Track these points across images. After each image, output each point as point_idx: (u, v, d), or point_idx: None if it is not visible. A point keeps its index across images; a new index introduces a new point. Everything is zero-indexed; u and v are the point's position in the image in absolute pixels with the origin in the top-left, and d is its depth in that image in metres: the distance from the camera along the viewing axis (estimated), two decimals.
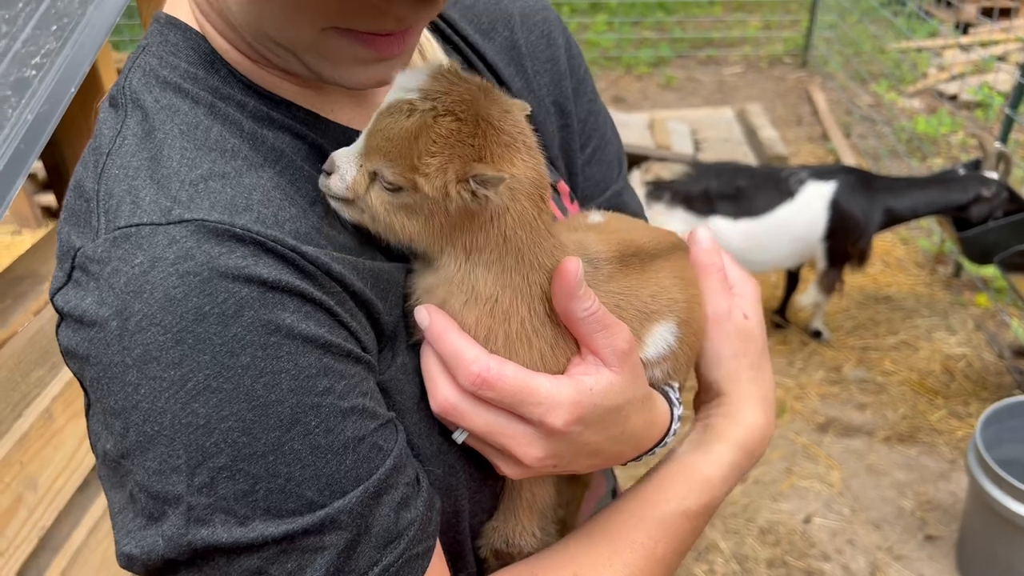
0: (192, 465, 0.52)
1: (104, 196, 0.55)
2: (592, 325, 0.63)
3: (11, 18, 1.47)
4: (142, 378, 0.52)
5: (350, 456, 0.55)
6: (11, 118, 1.31)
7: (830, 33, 6.94)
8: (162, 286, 0.51)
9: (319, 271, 0.56)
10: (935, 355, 3.55)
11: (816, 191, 3.34)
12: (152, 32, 0.65)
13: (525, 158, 0.59)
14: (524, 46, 0.81)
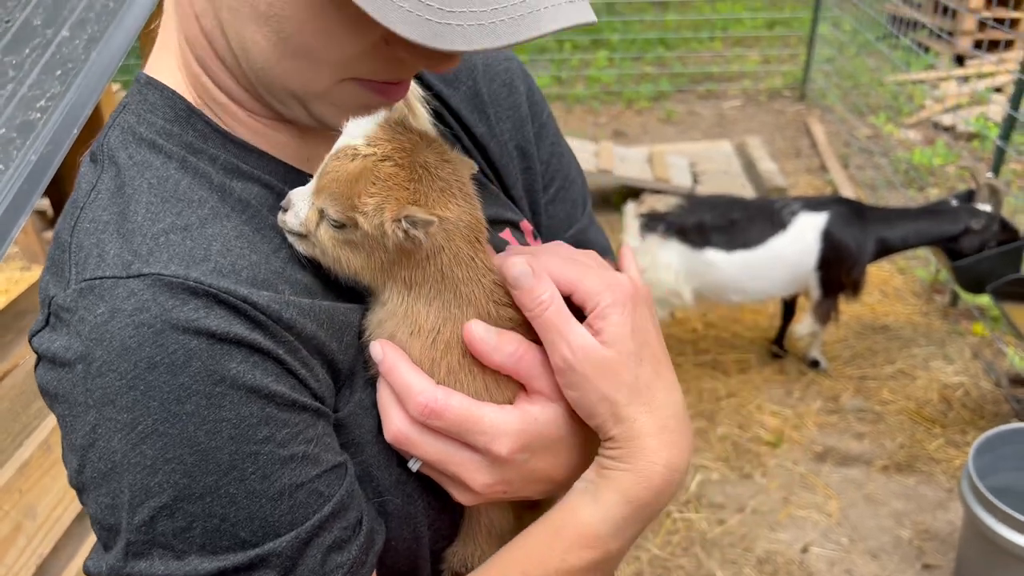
0: (135, 503, 0.56)
1: (76, 248, 0.60)
2: (526, 366, 0.66)
3: (18, 63, 1.54)
4: (100, 419, 0.56)
5: (286, 501, 0.59)
6: (15, 159, 1.37)
7: (828, 67, 7.03)
8: (120, 335, 0.55)
9: (270, 320, 0.59)
10: (933, 384, 3.57)
11: (808, 222, 3.39)
12: (132, 92, 0.70)
13: (460, 203, 0.64)
14: (486, 94, 0.86)
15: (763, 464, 3.20)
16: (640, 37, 7.94)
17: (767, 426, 3.39)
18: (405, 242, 0.61)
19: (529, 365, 0.66)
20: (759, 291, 3.49)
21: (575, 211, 0.93)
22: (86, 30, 1.60)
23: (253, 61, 0.63)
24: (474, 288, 0.65)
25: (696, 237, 3.38)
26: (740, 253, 3.36)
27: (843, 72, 6.90)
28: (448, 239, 0.63)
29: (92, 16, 1.63)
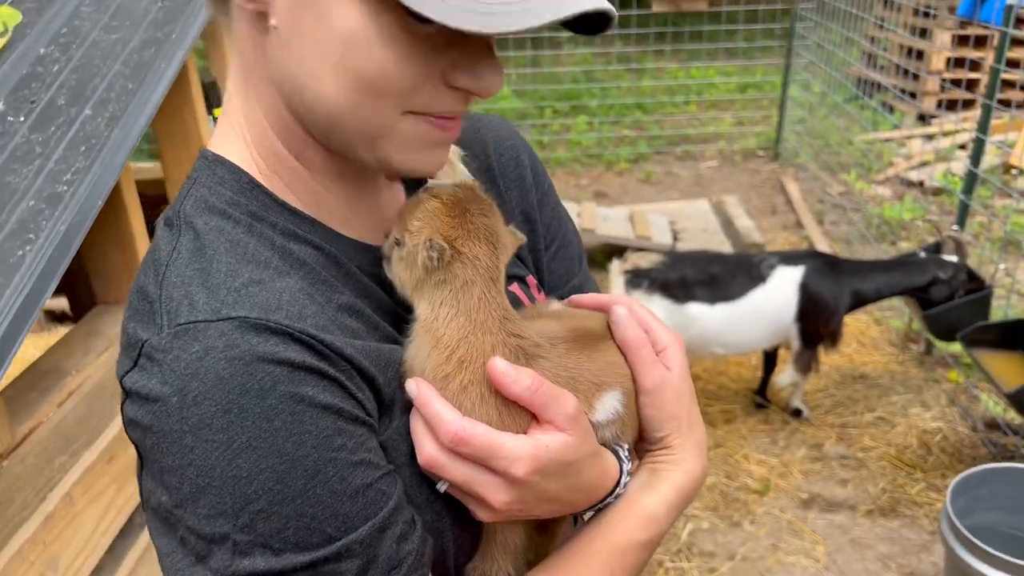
0: (236, 509, 0.65)
1: (166, 299, 0.69)
2: (540, 399, 0.76)
3: (44, 140, 1.65)
4: (196, 441, 0.65)
5: (360, 499, 0.68)
6: (45, 229, 1.48)
7: (799, 127, 7.30)
8: (214, 368, 0.65)
9: (333, 354, 0.70)
10: (911, 430, 3.67)
11: (786, 275, 3.53)
12: (200, 167, 0.80)
13: (483, 247, 0.76)
14: (497, 168, 0.98)
15: (751, 512, 3.27)
16: (618, 102, 8.22)
17: (754, 475, 3.47)
18: (426, 262, 0.75)
19: (543, 397, 0.75)
20: (741, 343, 3.61)
21: (573, 267, 1.05)
22: (107, 109, 1.72)
23: (326, 108, 0.73)
24: (487, 317, 0.76)
25: (679, 292, 3.51)
26: (722, 306, 3.49)
27: (814, 132, 7.16)
28: (465, 271, 0.76)
29: (112, 96, 1.75)
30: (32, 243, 1.46)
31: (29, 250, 1.44)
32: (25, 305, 1.36)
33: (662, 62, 9.07)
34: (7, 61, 1.83)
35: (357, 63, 0.69)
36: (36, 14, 1.98)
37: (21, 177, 1.57)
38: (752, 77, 8.58)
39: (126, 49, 1.87)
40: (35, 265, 1.41)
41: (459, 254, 0.75)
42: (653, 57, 8.98)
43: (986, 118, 3.67)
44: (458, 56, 0.72)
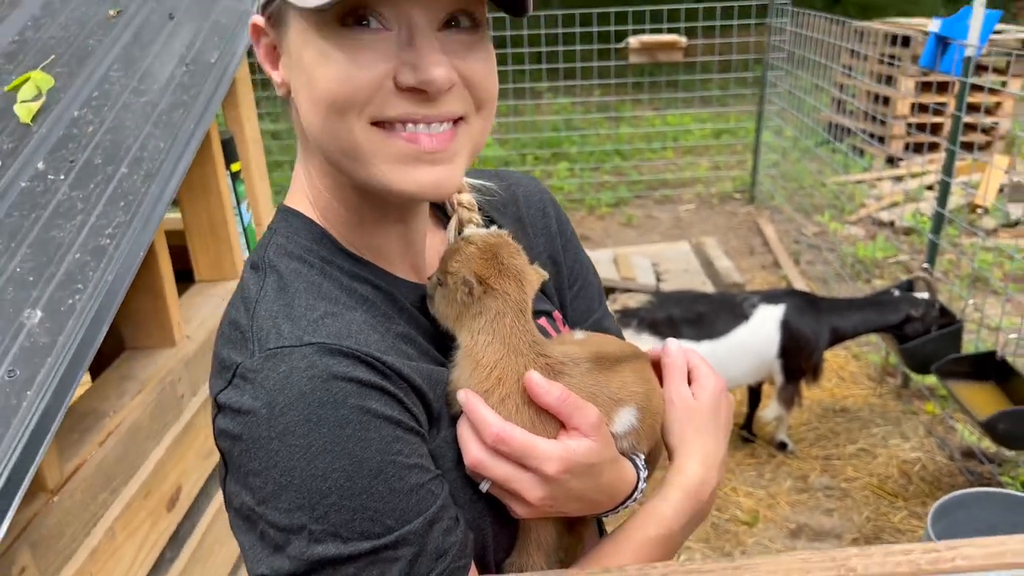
0: (313, 503, 0.77)
1: (257, 329, 0.82)
2: (567, 407, 0.89)
3: (85, 196, 1.78)
4: (281, 445, 0.77)
5: (414, 496, 0.80)
6: (92, 279, 1.59)
7: (773, 171, 7.56)
8: (297, 385, 0.78)
9: (393, 373, 0.83)
10: (892, 460, 3.81)
11: (768, 313, 3.69)
12: (279, 219, 0.95)
13: (512, 284, 0.91)
14: (526, 218, 1.13)
15: (742, 543, 3.38)
16: (597, 149, 8.46)
17: (743, 507, 3.59)
18: (463, 296, 0.89)
19: (570, 407, 0.88)
20: (727, 379, 3.73)
21: (593, 304, 1.19)
22: (142, 167, 1.85)
23: (318, 140, 0.87)
24: (519, 341, 0.91)
25: (667, 330, 3.66)
26: (708, 344, 3.64)
27: (788, 175, 7.42)
28: (497, 304, 0.90)
29: (146, 155, 1.88)
30: (81, 292, 1.57)
31: (79, 299, 1.56)
32: (80, 350, 1.48)
33: (639, 110, 9.36)
34: (44, 123, 1.96)
35: (317, 89, 0.82)
36: (68, 78, 2.11)
37: (66, 232, 1.69)
38: (726, 123, 8.87)
39: (155, 111, 2.01)
40: (86, 313, 1.53)
41: (491, 289, 0.90)
42: (630, 105, 9.26)
43: (950, 161, 3.88)
44: (404, 58, 0.80)
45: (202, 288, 2.35)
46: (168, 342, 2.01)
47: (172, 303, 2.00)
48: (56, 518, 1.50)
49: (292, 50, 0.85)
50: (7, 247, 1.66)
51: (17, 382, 1.41)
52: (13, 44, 2.28)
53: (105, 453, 1.67)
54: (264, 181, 2.68)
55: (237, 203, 2.38)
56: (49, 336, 1.49)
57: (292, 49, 0.85)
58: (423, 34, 0.80)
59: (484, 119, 0.89)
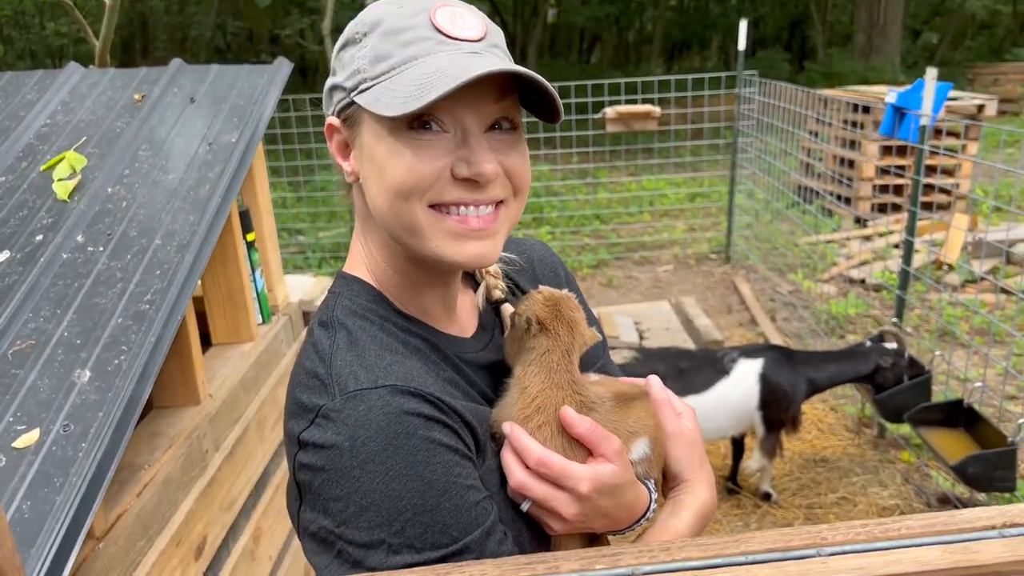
0: (391, 520, 0.92)
1: (336, 375, 0.98)
2: (595, 437, 1.05)
3: (123, 267, 1.94)
4: (363, 472, 0.92)
5: (474, 511, 0.95)
6: (135, 341, 1.74)
7: (747, 232, 7.85)
8: (376, 420, 0.93)
9: (450, 410, 0.99)
10: (872, 508, 3.96)
11: (747, 367, 3.88)
12: (340, 283, 1.12)
13: (566, 329, 1.09)
14: (541, 279, 1.31)
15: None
16: (577, 213, 8.74)
17: None
18: (525, 331, 1.07)
19: (598, 437, 1.05)
20: (711, 431, 3.92)
21: (598, 351, 1.35)
22: (175, 239, 2.02)
23: (384, 219, 1.04)
24: (561, 377, 1.08)
25: None
26: (691, 398, 3.81)
27: (761, 236, 7.71)
28: (549, 342, 1.08)
29: (178, 227, 2.05)
30: (125, 353, 1.72)
31: (124, 359, 1.70)
32: (129, 405, 1.62)
33: (616, 175, 9.70)
34: (81, 200, 2.13)
35: (388, 179, 1.00)
36: (100, 158, 2.29)
37: (108, 299, 1.85)
38: (700, 187, 9.21)
39: (183, 187, 2.19)
40: (132, 372, 1.67)
41: (546, 329, 1.07)
42: (607, 171, 9.59)
43: (912, 222, 4.14)
44: (460, 155, 0.98)
45: (220, 351, 2.49)
46: (193, 400, 2.15)
47: (198, 364, 2.14)
48: (102, 563, 1.62)
49: (365, 146, 1.03)
50: (54, 313, 1.81)
51: (72, 436, 1.55)
52: (45, 127, 2.46)
53: (143, 503, 1.80)
54: (275, 249, 2.85)
55: (252, 270, 2.55)
56: (99, 394, 1.63)
57: (365, 145, 1.03)
58: (475, 135, 0.99)
59: (519, 202, 1.08)
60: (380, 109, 0.95)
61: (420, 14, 0.98)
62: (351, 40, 1.02)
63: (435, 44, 0.97)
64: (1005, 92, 15.51)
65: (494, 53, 1.00)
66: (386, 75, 0.97)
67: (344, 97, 1.02)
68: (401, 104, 0.93)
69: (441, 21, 0.98)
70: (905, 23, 20.01)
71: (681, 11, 25.01)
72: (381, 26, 0.98)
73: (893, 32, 18.35)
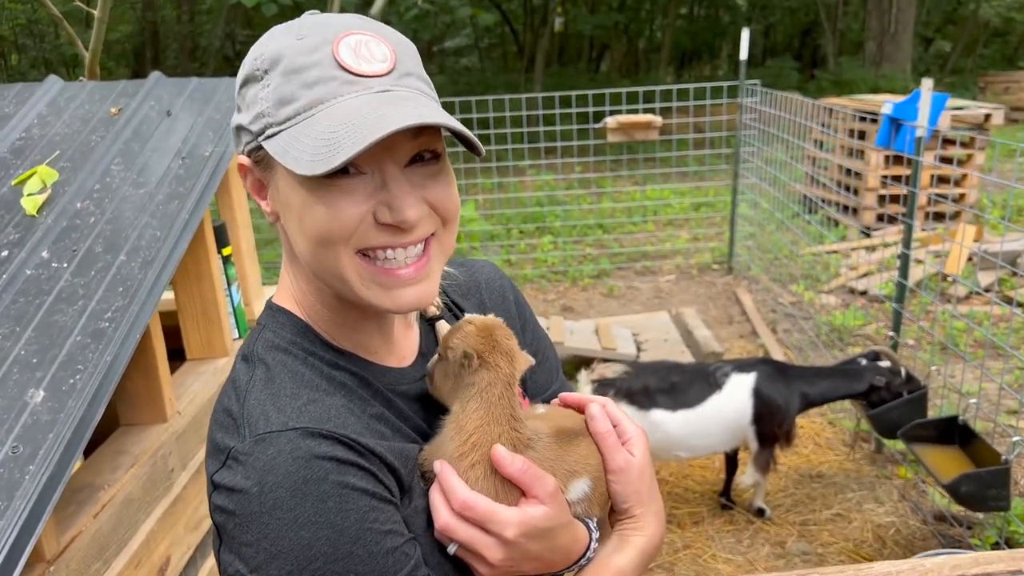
0: (300, 568, 0.88)
1: (247, 416, 0.95)
2: (528, 478, 1.01)
3: (86, 283, 1.92)
4: (271, 519, 0.89)
5: (390, 558, 0.92)
6: (92, 360, 1.72)
7: (750, 242, 7.79)
8: (284, 465, 0.90)
9: (368, 452, 0.95)
10: (867, 525, 3.90)
11: (740, 382, 3.82)
12: (266, 315, 1.09)
13: (503, 361, 1.05)
14: (488, 302, 1.27)
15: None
16: (580, 223, 8.71)
17: (722, 573, 3.65)
18: (462, 369, 1.03)
19: (530, 478, 1.01)
20: (703, 447, 3.86)
21: (552, 376, 1.32)
22: (139, 255, 2.00)
23: (308, 264, 1.00)
24: (500, 412, 1.03)
25: (643, 400, 3.78)
26: (683, 413, 3.76)
27: (764, 247, 7.65)
28: (489, 375, 1.03)
29: (144, 244, 2.03)
30: (81, 372, 1.70)
31: (79, 379, 1.68)
32: (79, 427, 1.59)
33: (620, 184, 9.66)
34: (49, 215, 2.11)
35: (307, 228, 0.96)
36: (72, 172, 2.28)
37: (68, 316, 1.83)
38: (704, 196, 9.16)
39: (153, 202, 2.17)
40: (86, 392, 1.65)
41: (486, 363, 1.03)
42: (611, 180, 9.56)
43: (908, 235, 4.08)
44: (381, 198, 0.93)
45: (193, 366, 2.47)
46: (160, 418, 2.13)
47: (165, 381, 2.12)
48: None
49: (280, 190, 0.99)
50: (12, 331, 1.79)
51: (20, 458, 1.53)
52: (20, 140, 2.45)
53: (99, 525, 1.77)
54: (254, 263, 2.83)
55: (228, 285, 2.52)
56: (51, 414, 1.61)
57: (280, 189, 0.99)
58: (394, 178, 0.94)
59: (450, 231, 1.04)
60: (290, 164, 0.91)
61: (322, 47, 0.93)
62: (252, 77, 0.97)
63: (341, 85, 0.92)
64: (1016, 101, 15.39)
65: (407, 86, 0.96)
66: (292, 121, 0.93)
67: (252, 140, 0.98)
68: (309, 162, 0.89)
69: (345, 57, 0.93)
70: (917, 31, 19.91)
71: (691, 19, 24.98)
72: (282, 63, 0.94)
73: (904, 40, 18.24)
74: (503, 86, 17.42)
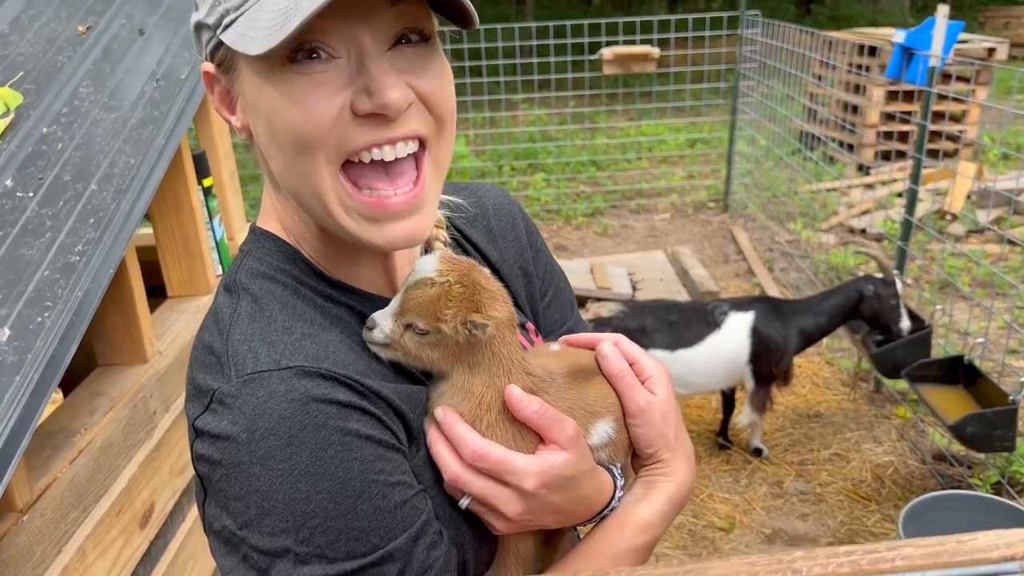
0: (297, 526, 0.78)
1: (232, 354, 0.82)
2: (545, 421, 0.90)
3: (54, 214, 1.77)
4: (263, 470, 0.77)
5: (398, 513, 0.81)
6: (62, 297, 1.59)
7: (747, 180, 7.64)
8: (277, 409, 0.78)
9: (372, 394, 0.83)
10: (865, 464, 3.86)
11: (738, 320, 3.74)
12: (250, 240, 0.95)
13: (502, 304, 0.91)
14: (496, 230, 1.14)
15: (718, 549, 3.41)
16: (573, 160, 8.52)
17: (719, 513, 3.62)
18: (471, 338, 0.88)
19: (548, 420, 0.89)
20: (701, 385, 3.79)
21: (566, 312, 1.20)
22: (112, 184, 1.85)
23: (284, 182, 0.86)
24: (510, 362, 0.91)
25: (641, 339, 3.69)
26: (682, 352, 3.67)
27: (761, 184, 7.50)
28: (498, 330, 0.90)
29: (116, 172, 1.88)
30: (50, 310, 1.57)
31: (48, 316, 1.55)
32: (48, 368, 1.47)
33: (614, 120, 9.44)
34: (13, 140, 1.95)
35: (278, 132, 0.82)
36: (36, 95, 2.11)
37: (35, 249, 1.69)
38: (700, 133, 8.96)
39: (126, 127, 2.01)
40: (55, 331, 1.52)
41: (486, 322, 0.88)
42: (605, 116, 9.33)
43: (917, 170, 3.95)
44: (358, 84, 0.80)
45: (175, 303, 2.34)
46: (140, 358, 2.01)
47: (144, 319, 1.99)
48: (25, 537, 1.49)
49: (247, 95, 0.85)
50: None
51: None
52: None
53: (76, 471, 1.66)
54: (237, 195, 2.68)
55: (209, 218, 2.38)
56: (17, 355, 1.48)
57: (247, 94, 0.85)
58: (373, 57, 0.80)
59: (445, 138, 0.89)
60: (245, 47, 0.77)
61: None
62: None
63: None
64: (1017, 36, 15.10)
65: None
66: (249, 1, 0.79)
67: (211, 37, 0.84)
68: (264, 37, 0.75)
69: None
70: None
71: None
72: None
73: None
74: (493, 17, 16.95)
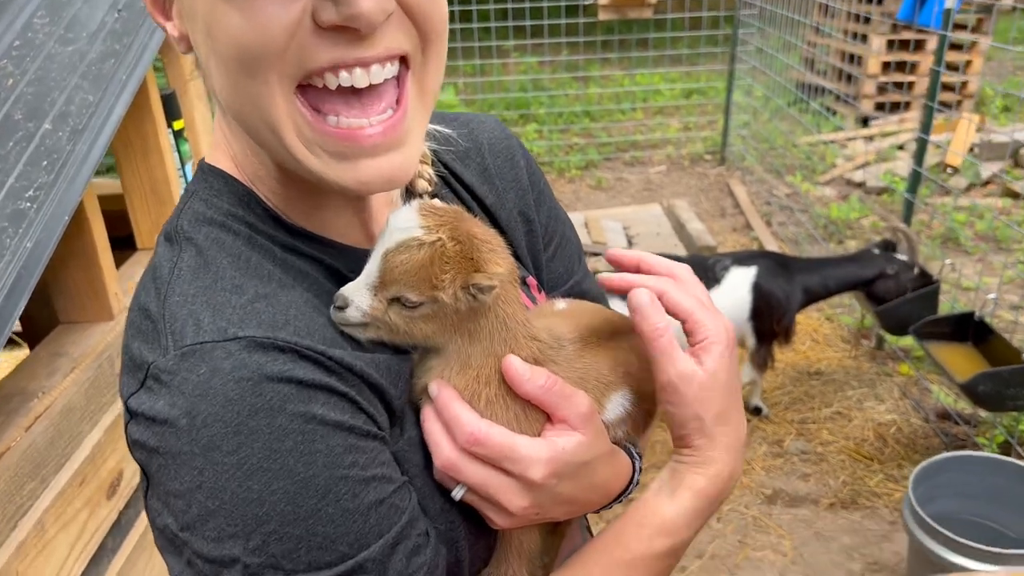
0: (247, 531, 0.63)
1: (169, 319, 0.67)
2: (553, 397, 0.75)
3: (3, 156, 1.60)
4: (206, 463, 0.63)
5: (373, 515, 0.67)
6: (10, 247, 1.43)
7: (744, 131, 7.45)
8: (222, 390, 0.63)
9: (343, 368, 0.69)
10: (867, 423, 3.77)
11: (739, 276, 3.60)
12: (197, 179, 0.79)
13: (503, 256, 0.76)
14: (492, 168, 0.97)
15: (717, 509, 3.32)
16: (566, 110, 8.29)
17: None
18: (474, 303, 0.73)
19: (555, 396, 0.75)
20: None
21: (572, 265, 1.04)
22: (68, 123, 1.67)
23: (228, 105, 0.70)
24: (515, 323, 0.76)
25: None
26: None
27: (759, 136, 7.32)
28: (502, 287, 0.74)
29: (73, 109, 1.71)
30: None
31: None
32: None
33: (608, 69, 9.18)
34: None
35: (221, 43, 0.66)
36: None
37: None
38: (696, 83, 8.73)
39: (84, 61, 1.83)
40: (2, 283, 1.37)
41: (489, 280, 0.73)
42: (599, 65, 9.07)
43: (928, 119, 3.79)
44: None
45: (145, 256, 2.18)
46: (105, 315, 1.85)
47: (108, 273, 1.83)
48: None
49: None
50: None
51: None
52: None
53: (33, 438, 1.52)
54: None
55: (181, 163, 2.21)
56: None
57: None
58: None
59: (434, 59, 0.73)
60: None
61: None
62: None
63: None
64: None
65: None
66: None
67: None
68: None
69: None
70: None
71: None
72: None
73: None
74: None
